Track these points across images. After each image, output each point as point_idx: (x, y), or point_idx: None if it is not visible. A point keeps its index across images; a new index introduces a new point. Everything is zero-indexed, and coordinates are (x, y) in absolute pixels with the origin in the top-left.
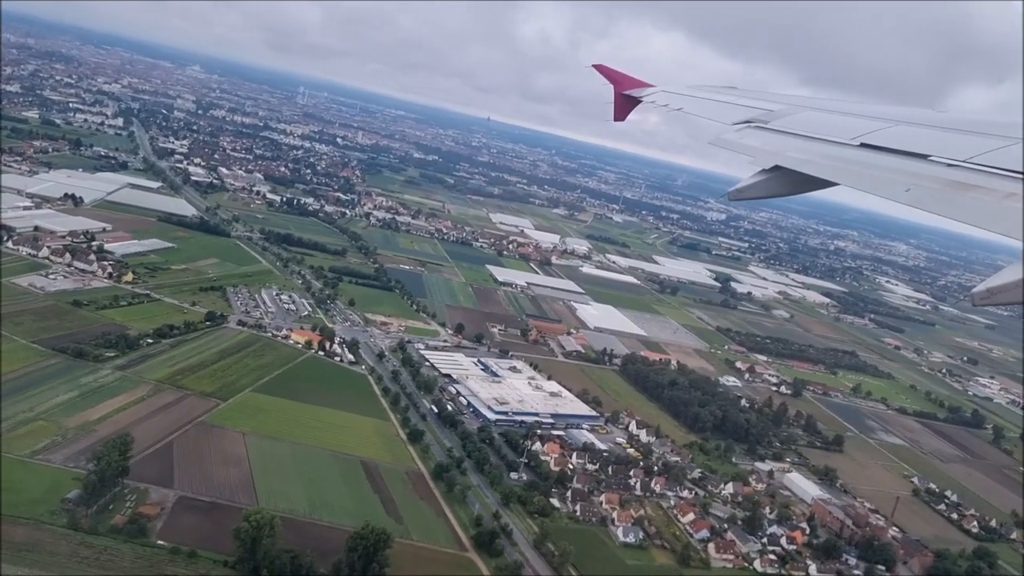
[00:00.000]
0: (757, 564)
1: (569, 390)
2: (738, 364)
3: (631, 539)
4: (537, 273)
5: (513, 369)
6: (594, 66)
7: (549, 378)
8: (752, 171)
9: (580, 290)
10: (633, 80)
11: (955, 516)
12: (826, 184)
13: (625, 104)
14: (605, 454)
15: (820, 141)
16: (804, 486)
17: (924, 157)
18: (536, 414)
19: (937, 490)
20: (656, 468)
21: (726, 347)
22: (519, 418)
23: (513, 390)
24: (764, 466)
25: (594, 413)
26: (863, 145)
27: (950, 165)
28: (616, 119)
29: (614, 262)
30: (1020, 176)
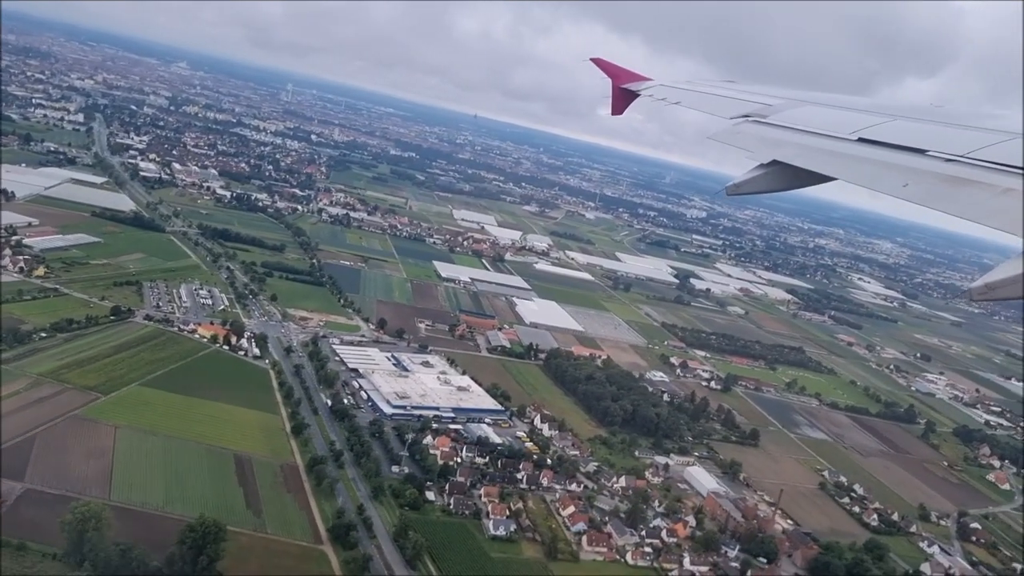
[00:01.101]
0: (629, 557)
1: (481, 384)
2: (672, 360)
3: (501, 532)
4: (487, 269)
5: (426, 364)
6: (592, 60)
7: (463, 373)
8: (749, 166)
9: (527, 286)
10: (631, 74)
11: (856, 509)
12: (824, 179)
13: (623, 98)
14: (499, 448)
15: (818, 136)
16: (703, 480)
17: (922, 152)
18: (437, 408)
19: (846, 484)
20: (549, 462)
21: (666, 343)
22: (418, 412)
23: (418, 384)
24: (666, 460)
25: (499, 407)
26: (861, 140)
27: (948, 160)
28: (614, 113)
29: (573, 259)
30: (1018, 171)
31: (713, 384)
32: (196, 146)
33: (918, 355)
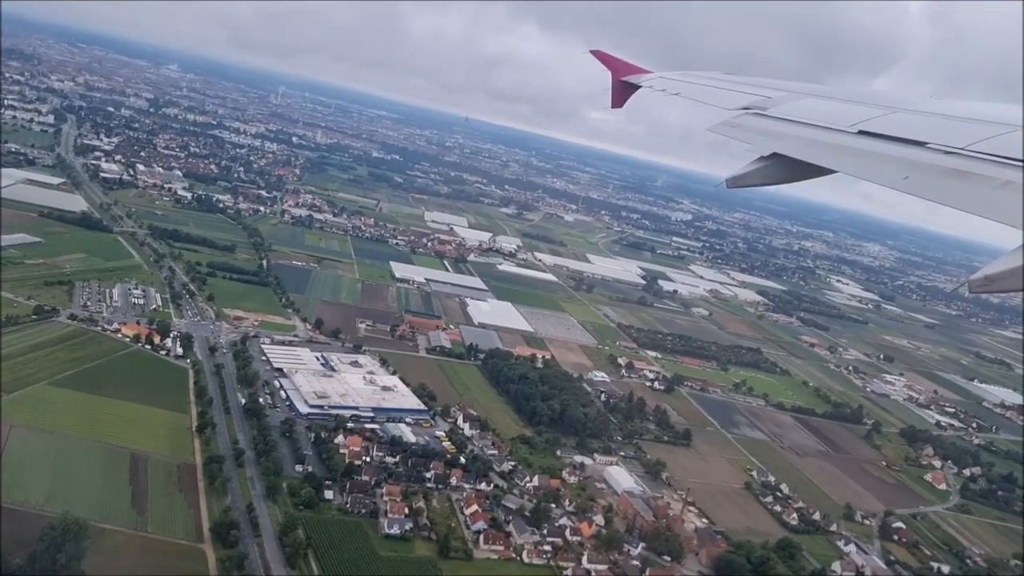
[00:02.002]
0: (525, 555)
1: (409, 385)
2: (620, 360)
3: (396, 530)
4: (447, 271)
5: (355, 364)
6: (592, 52)
7: (394, 373)
8: (746, 161)
9: (484, 287)
10: (631, 66)
11: (778, 509)
12: (824, 171)
13: (623, 90)
14: (412, 447)
15: (818, 128)
16: (621, 479)
17: (922, 144)
18: (356, 408)
19: (773, 483)
20: (463, 461)
21: (617, 343)
22: (335, 411)
23: (342, 384)
24: (586, 459)
25: (422, 407)
26: (861, 132)
27: (948, 153)
28: (614, 105)
29: (540, 260)
30: (1018, 163)
31: (656, 384)
32: (167, 148)
33: (881, 356)
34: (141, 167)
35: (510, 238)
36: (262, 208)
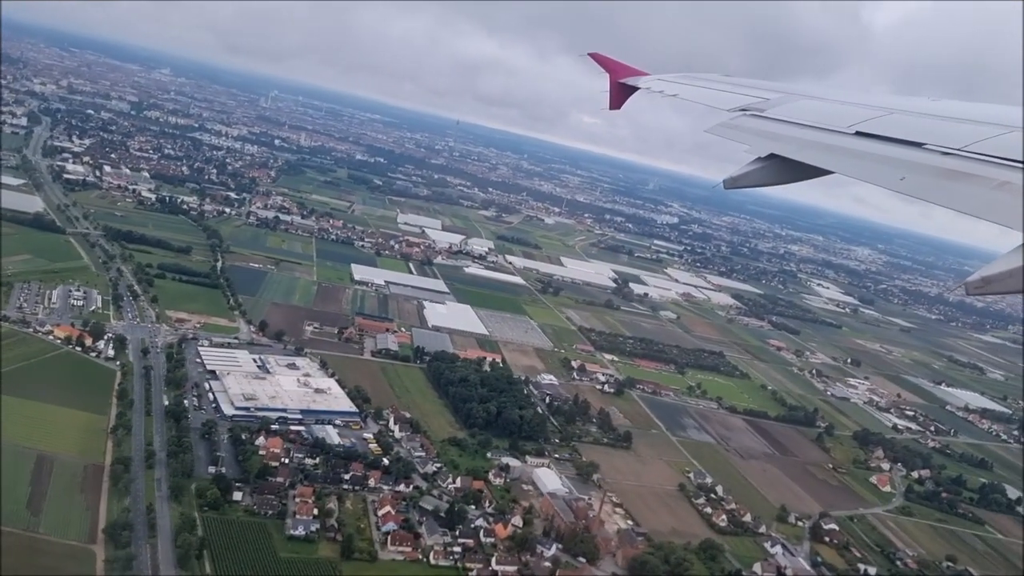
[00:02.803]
0: (432, 557)
1: (345, 387)
2: (574, 363)
3: (301, 532)
4: (411, 273)
5: (292, 366)
6: (590, 55)
7: (333, 375)
8: (744, 161)
9: (445, 290)
10: (629, 68)
11: (709, 511)
12: (822, 172)
13: (621, 92)
14: (335, 449)
15: (816, 129)
16: (548, 481)
17: (919, 145)
18: (284, 410)
19: (709, 485)
20: (387, 463)
21: (574, 346)
22: (262, 413)
23: (273, 386)
24: (515, 462)
25: (353, 409)
26: (859, 133)
27: (945, 153)
28: (612, 107)
29: (510, 263)
30: (1016, 164)
31: (607, 387)
32: (140, 150)
33: (849, 360)
34: (108, 168)
35: (483, 241)
36: (228, 210)
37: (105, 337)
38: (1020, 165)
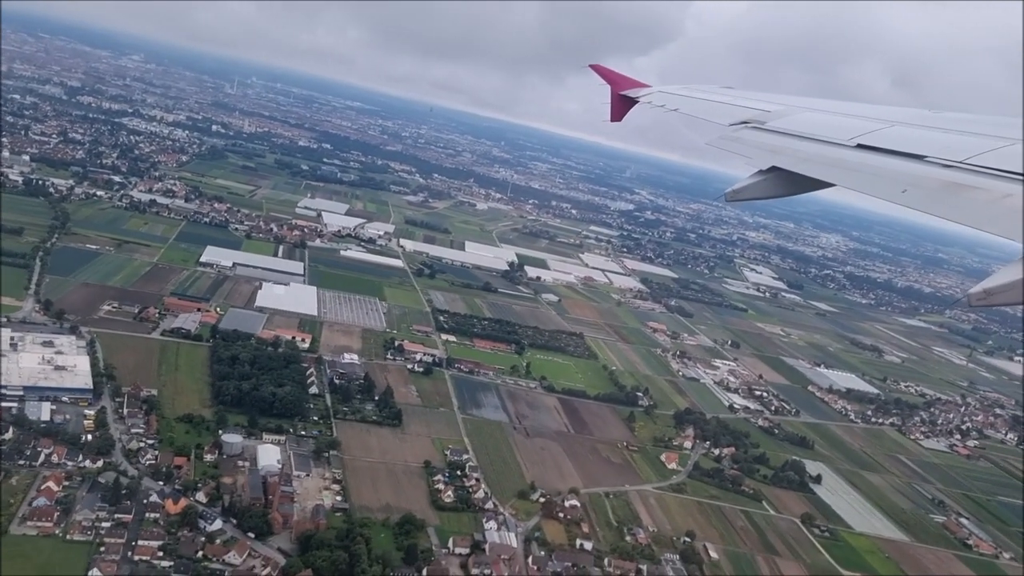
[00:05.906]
0: (70, 533)
1: (96, 365)
2: (398, 343)
3: None
4: (275, 256)
5: (47, 343)
6: (591, 66)
7: (93, 353)
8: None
9: (300, 272)
10: (630, 80)
11: (440, 487)
12: (823, 185)
13: (622, 104)
14: (41, 425)
15: (817, 142)
16: (263, 458)
17: (920, 158)
18: (4, 387)
19: (463, 462)
20: (89, 439)
21: (412, 327)
22: None
23: (10, 363)
24: (238, 439)
25: (87, 387)
26: (860, 146)
27: (946, 166)
28: (613, 119)
29: (402, 247)
30: (1016, 177)
31: (416, 367)
32: (43, 134)
33: (729, 343)
34: None
35: (385, 225)
36: (101, 193)
37: None
38: (1020, 178)
